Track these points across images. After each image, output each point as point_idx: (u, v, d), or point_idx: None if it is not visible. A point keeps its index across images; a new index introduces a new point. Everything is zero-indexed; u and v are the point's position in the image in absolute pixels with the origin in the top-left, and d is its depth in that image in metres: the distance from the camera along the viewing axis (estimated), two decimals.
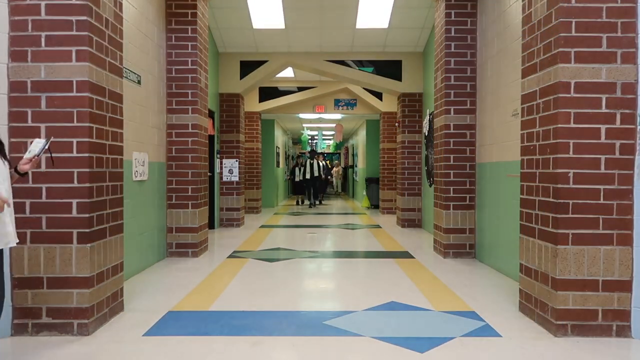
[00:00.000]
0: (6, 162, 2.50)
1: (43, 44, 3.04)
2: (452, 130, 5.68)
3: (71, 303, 3.08)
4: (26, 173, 2.64)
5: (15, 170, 2.61)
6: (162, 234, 5.68)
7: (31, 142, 2.69)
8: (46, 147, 2.62)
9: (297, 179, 14.61)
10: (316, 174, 13.81)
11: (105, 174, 3.32)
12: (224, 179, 8.85)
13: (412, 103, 8.79)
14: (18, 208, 3.03)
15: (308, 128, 18.11)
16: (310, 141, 20.93)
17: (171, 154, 5.74)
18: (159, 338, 3.08)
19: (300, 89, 11.24)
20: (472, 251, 5.72)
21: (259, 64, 8.78)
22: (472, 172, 5.69)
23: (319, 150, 19.82)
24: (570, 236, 3.09)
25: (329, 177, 17.42)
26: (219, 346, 2.96)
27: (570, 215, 3.08)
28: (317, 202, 14.46)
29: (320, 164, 14.13)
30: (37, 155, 2.60)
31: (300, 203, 14.86)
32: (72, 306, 3.08)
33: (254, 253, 6.13)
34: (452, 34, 5.68)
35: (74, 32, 3.05)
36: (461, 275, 4.86)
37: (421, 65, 8.77)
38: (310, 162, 13.82)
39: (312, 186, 13.90)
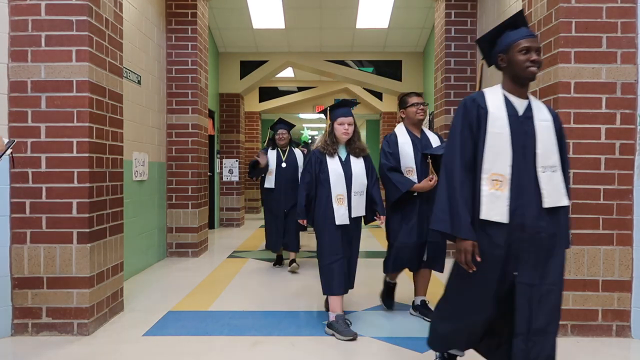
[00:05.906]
0: None
1: (43, 44, 3.04)
2: None
3: (71, 303, 3.08)
4: None
5: None
6: (162, 234, 5.68)
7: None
8: (8, 150, 2.48)
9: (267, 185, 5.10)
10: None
11: (105, 174, 3.32)
12: (224, 179, 8.85)
13: None
14: (18, 208, 3.04)
15: (308, 128, 18.08)
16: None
17: (171, 154, 5.74)
18: (159, 338, 3.08)
19: (300, 89, 11.23)
20: None
21: (259, 64, 8.78)
22: None
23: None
24: (570, 236, 3.08)
25: None
26: (219, 346, 2.96)
27: (570, 215, 3.08)
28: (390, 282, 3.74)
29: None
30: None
31: (282, 264, 5.27)
32: (72, 306, 3.08)
33: (254, 253, 6.13)
34: (452, 34, 5.68)
35: (74, 32, 3.05)
36: None
37: (421, 65, 8.77)
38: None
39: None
